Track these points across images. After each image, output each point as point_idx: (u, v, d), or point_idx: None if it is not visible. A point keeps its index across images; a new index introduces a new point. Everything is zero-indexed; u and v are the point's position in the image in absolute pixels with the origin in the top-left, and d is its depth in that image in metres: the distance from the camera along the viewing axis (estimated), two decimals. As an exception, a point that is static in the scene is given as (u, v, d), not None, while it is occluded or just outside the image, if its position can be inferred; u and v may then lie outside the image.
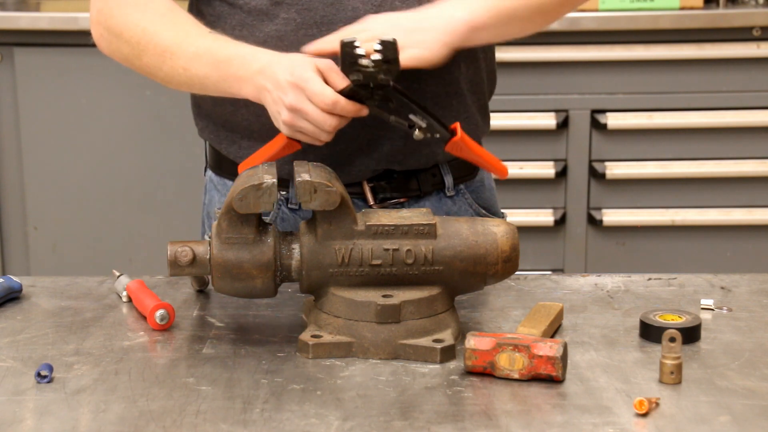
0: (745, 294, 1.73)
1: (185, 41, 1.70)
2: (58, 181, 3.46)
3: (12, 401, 1.38)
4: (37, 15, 3.42)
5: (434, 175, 1.84)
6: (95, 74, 3.38)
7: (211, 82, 1.69)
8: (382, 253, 1.52)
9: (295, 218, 1.82)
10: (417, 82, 1.73)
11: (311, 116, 1.59)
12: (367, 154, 1.78)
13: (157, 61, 1.72)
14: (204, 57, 1.68)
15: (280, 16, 1.73)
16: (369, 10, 1.71)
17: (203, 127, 1.88)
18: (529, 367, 1.41)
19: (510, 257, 1.55)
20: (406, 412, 1.34)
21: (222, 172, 1.89)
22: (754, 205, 3.45)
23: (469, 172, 1.88)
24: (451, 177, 1.85)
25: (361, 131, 1.74)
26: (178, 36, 1.71)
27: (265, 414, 1.34)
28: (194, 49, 1.69)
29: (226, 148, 1.84)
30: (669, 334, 1.41)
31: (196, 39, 1.70)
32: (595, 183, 3.44)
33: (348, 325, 1.51)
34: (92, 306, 1.69)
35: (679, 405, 1.36)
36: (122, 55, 1.78)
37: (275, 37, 1.73)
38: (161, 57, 1.72)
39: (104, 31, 1.79)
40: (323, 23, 1.71)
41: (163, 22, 1.73)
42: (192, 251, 1.53)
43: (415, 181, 1.83)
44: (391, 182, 1.81)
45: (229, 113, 1.79)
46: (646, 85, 3.39)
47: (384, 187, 1.81)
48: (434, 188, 1.84)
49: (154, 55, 1.72)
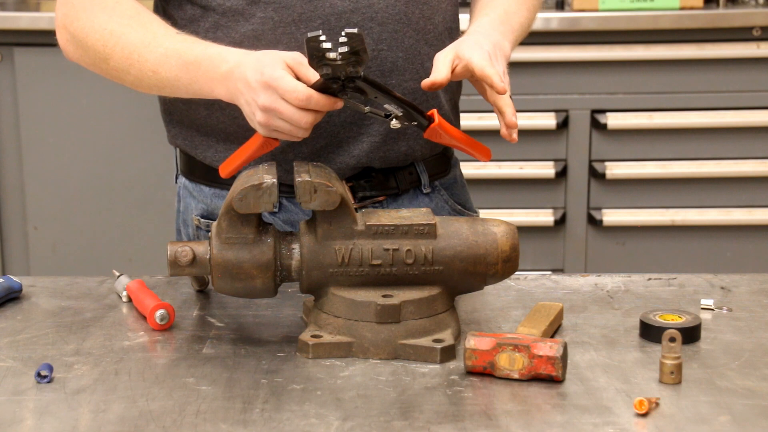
0: (745, 294, 1.73)
1: (153, 43, 1.68)
2: (58, 181, 3.46)
3: (12, 401, 1.38)
4: (37, 15, 3.42)
5: (411, 173, 1.85)
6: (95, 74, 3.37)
7: (182, 84, 1.67)
8: (382, 253, 1.52)
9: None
10: (393, 77, 1.74)
11: (286, 114, 1.55)
12: (346, 152, 1.78)
13: (125, 64, 1.70)
14: (172, 59, 1.66)
15: (256, 15, 1.71)
16: (346, 6, 1.71)
17: (176, 134, 1.86)
18: (529, 367, 1.41)
19: (510, 257, 1.55)
20: (406, 412, 1.34)
21: (195, 178, 1.87)
22: (754, 205, 3.45)
23: (442, 169, 1.90)
24: (427, 175, 1.87)
25: (340, 129, 1.75)
26: (146, 38, 1.68)
27: (265, 414, 1.34)
28: (162, 51, 1.66)
29: (201, 153, 1.82)
30: (669, 334, 1.41)
31: (163, 40, 1.67)
32: (595, 183, 3.44)
33: (348, 325, 1.51)
34: (92, 306, 1.69)
35: (679, 405, 1.36)
36: (89, 60, 1.76)
37: (252, 37, 1.72)
38: (128, 60, 1.69)
39: (70, 36, 1.77)
40: (301, 20, 1.71)
41: (130, 24, 1.70)
42: (192, 251, 1.53)
43: (393, 179, 1.83)
44: (370, 180, 1.82)
45: (204, 117, 1.78)
46: (646, 85, 3.40)
47: (363, 185, 1.82)
48: (411, 186, 1.86)
49: (122, 58, 1.70)
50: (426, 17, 1.78)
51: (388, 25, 1.74)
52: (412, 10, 1.76)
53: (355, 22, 1.71)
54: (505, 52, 1.71)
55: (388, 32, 1.74)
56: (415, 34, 1.76)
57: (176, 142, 1.88)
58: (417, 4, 1.76)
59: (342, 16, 1.71)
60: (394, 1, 1.74)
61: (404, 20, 1.75)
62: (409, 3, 1.75)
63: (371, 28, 1.73)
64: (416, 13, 1.76)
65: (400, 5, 1.75)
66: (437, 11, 1.80)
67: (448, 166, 1.92)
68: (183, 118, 1.83)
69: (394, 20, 1.74)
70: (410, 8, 1.75)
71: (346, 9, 1.71)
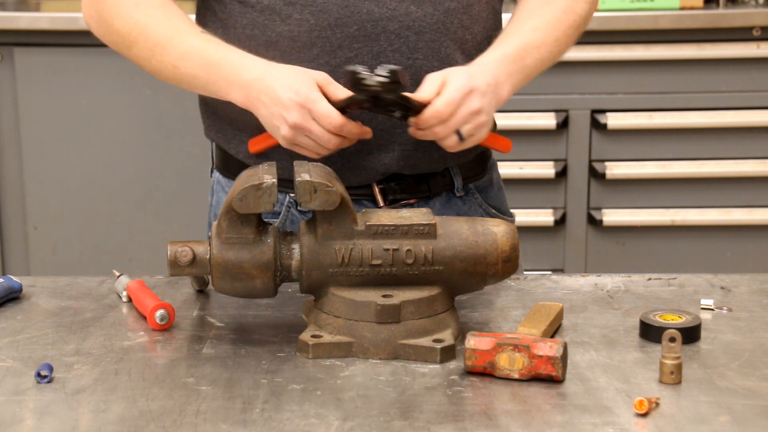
0: (745, 294, 1.73)
1: (176, 38, 1.70)
2: (58, 181, 3.46)
3: (12, 401, 1.38)
4: (37, 15, 3.42)
5: (444, 176, 1.84)
6: (95, 74, 3.38)
7: (200, 83, 1.70)
8: (382, 253, 1.52)
9: None
10: None
11: (315, 135, 1.61)
12: (376, 159, 1.77)
13: (147, 54, 1.73)
14: (194, 57, 1.68)
15: (293, 16, 1.72)
16: (383, 13, 1.71)
17: (210, 125, 1.87)
18: (529, 367, 1.41)
19: (510, 257, 1.55)
20: (406, 412, 1.34)
21: (229, 174, 1.88)
22: (754, 205, 3.45)
23: (478, 172, 1.89)
24: (461, 178, 1.85)
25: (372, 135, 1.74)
26: (170, 32, 1.71)
27: (265, 414, 1.34)
28: (186, 47, 1.69)
29: (234, 147, 1.83)
30: (669, 334, 1.41)
31: (187, 37, 1.70)
32: (595, 183, 3.44)
33: (348, 325, 1.51)
34: (92, 306, 1.69)
35: (679, 405, 1.36)
36: (112, 41, 1.79)
37: (287, 38, 1.72)
38: (151, 51, 1.72)
39: (95, 13, 1.79)
40: (337, 26, 1.71)
41: (156, 15, 1.73)
42: (192, 251, 1.53)
43: (425, 182, 1.82)
44: (401, 184, 1.81)
45: (238, 112, 1.78)
46: (646, 85, 3.39)
47: (393, 188, 1.81)
48: (444, 189, 1.85)
49: (144, 49, 1.73)
50: (465, 27, 1.76)
51: (425, 34, 1.72)
52: (451, 19, 1.74)
53: (391, 30, 1.70)
54: (500, 97, 1.70)
55: (424, 41, 1.73)
56: (453, 43, 1.75)
57: (211, 135, 1.89)
58: (456, 13, 1.74)
59: (378, 23, 1.70)
60: (432, 10, 1.72)
61: (442, 29, 1.73)
62: (448, 12, 1.73)
63: (407, 36, 1.72)
64: (455, 22, 1.74)
65: (438, 14, 1.73)
66: (477, 20, 1.78)
67: (483, 169, 1.90)
68: (218, 110, 1.83)
69: (432, 29, 1.73)
70: (449, 18, 1.74)
71: (383, 16, 1.70)
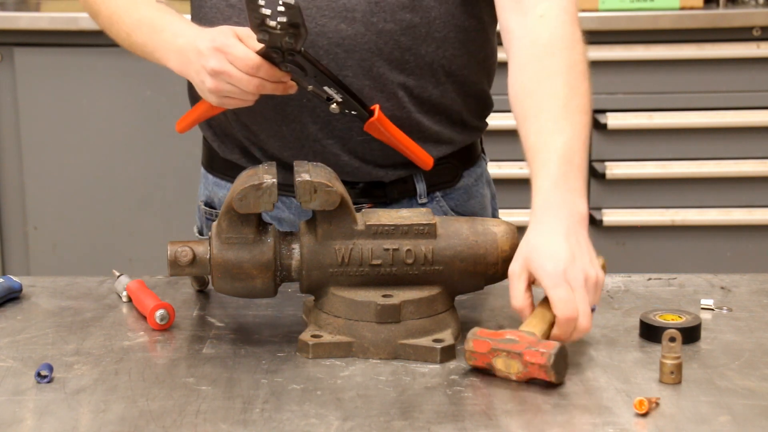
0: (745, 294, 1.73)
1: (131, 7, 1.76)
2: (58, 181, 3.46)
3: (12, 401, 1.38)
4: (37, 15, 3.42)
5: (405, 182, 1.81)
6: (95, 74, 3.38)
7: (147, 51, 1.73)
8: (382, 253, 1.52)
9: None
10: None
11: (235, 78, 1.60)
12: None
13: (107, 23, 1.80)
14: (144, 25, 1.73)
15: (232, 18, 1.73)
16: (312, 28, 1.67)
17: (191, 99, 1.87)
18: (524, 372, 1.41)
19: (510, 257, 1.55)
20: (406, 412, 1.34)
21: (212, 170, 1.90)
22: (754, 205, 3.45)
23: (447, 179, 1.84)
24: (424, 184, 1.81)
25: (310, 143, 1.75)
26: (127, 2, 1.77)
27: (265, 414, 1.34)
28: (138, 17, 1.74)
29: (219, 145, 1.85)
30: (669, 334, 1.41)
31: (141, 6, 1.75)
32: (595, 183, 3.44)
33: (348, 325, 1.51)
34: (92, 306, 1.69)
35: (679, 405, 1.36)
36: (88, 12, 1.85)
37: None
38: (110, 20, 1.78)
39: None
40: None
41: None
42: (192, 251, 1.53)
43: (380, 188, 1.80)
44: (355, 188, 1.77)
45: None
46: (646, 85, 3.39)
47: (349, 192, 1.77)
48: (403, 195, 1.81)
49: (105, 17, 1.79)
50: (403, 48, 1.71)
51: (354, 53, 1.69)
52: (385, 40, 1.70)
53: (320, 45, 1.68)
54: (584, 223, 1.49)
55: (354, 60, 1.70)
56: (387, 64, 1.71)
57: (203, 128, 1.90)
58: (392, 35, 1.69)
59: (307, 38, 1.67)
60: (363, 30, 1.69)
61: (374, 50, 1.70)
62: (381, 34, 1.69)
63: (336, 53, 1.69)
64: (389, 44, 1.70)
65: (370, 35, 1.69)
66: (424, 42, 1.72)
67: (455, 176, 1.85)
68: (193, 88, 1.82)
69: (363, 49, 1.69)
70: (382, 39, 1.69)
71: (312, 31, 1.66)
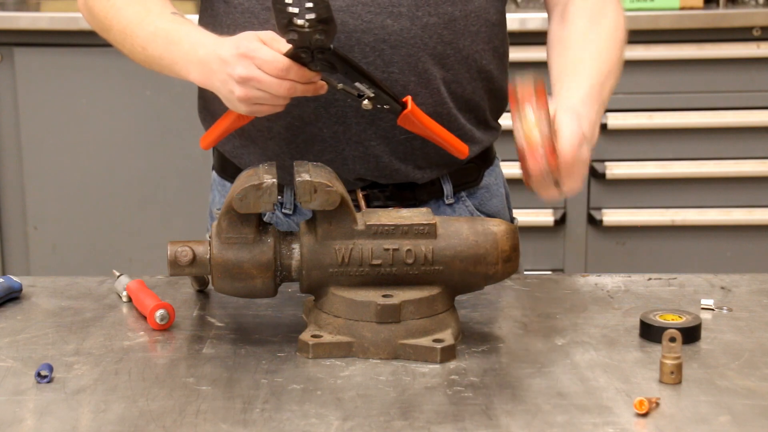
0: (745, 294, 1.73)
1: (145, 20, 1.71)
2: (58, 181, 3.46)
3: (12, 401, 1.38)
4: (37, 15, 3.42)
5: (433, 184, 1.82)
6: (95, 74, 3.38)
7: (165, 64, 1.69)
8: (382, 253, 1.52)
9: (289, 223, 1.81)
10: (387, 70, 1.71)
11: (265, 83, 1.55)
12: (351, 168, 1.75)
13: (120, 38, 1.75)
14: (160, 38, 1.68)
15: (270, 21, 1.71)
16: (358, 25, 1.68)
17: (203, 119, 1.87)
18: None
19: (510, 257, 1.55)
20: (406, 412, 1.34)
21: (225, 175, 1.88)
22: (754, 205, 3.45)
23: (471, 179, 1.86)
24: (451, 185, 1.83)
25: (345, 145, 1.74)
26: (140, 14, 1.72)
27: (265, 414, 1.34)
28: (152, 29, 1.70)
29: (221, 145, 1.84)
30: (669, 334, 1.41)
31: (155, 19, 1.71)
32: (595, 183, 3.44)
33: (348, 325, 1.51)
34: (92, 306, 1.69)
35: (679, 405, 1.36)
36: (96, 27, 1.82)
37: None
38: (123, 34, 1.74)
39: (83, 2, 1.83)
40: None
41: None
42: (192, 251, 1.53)
43: (410, 191, 1.80)
44: (384, 191, 1.79)
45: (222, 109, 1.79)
46: (646, 85, 3.39)
47: (377, 195, 1.79)
48: (431, 197, 1.82)
49: (118, 32, 1.75)
50: (445, 42, 1.73)
51: (400, 49, 1.70)
52: (429, 34, 1.71)
53: (366, 42, 1.69)
54: (595, 140, 1.66)
55: (400, 55, 1.70)
56: (431, 59, 1.72)
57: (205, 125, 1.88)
58: (435, 28, 1.71)
59: (352, 35, 1.69)
60: (409, 24, 1.70)
61: (419, 44, 1.71)
62: (426, 27, 1.71)
63: (382, 49, 1.69)
64: (434, 38, 1.72)
65: (416, 29, 1.70)
66: (462, 35, 1.74)
67: (478, 176, 1.87)
68: (209, 104, 1.83)
69: (408, 44, 1.70)
70: (427, 33, 1.71)
71: (358, 28, 1.68)
